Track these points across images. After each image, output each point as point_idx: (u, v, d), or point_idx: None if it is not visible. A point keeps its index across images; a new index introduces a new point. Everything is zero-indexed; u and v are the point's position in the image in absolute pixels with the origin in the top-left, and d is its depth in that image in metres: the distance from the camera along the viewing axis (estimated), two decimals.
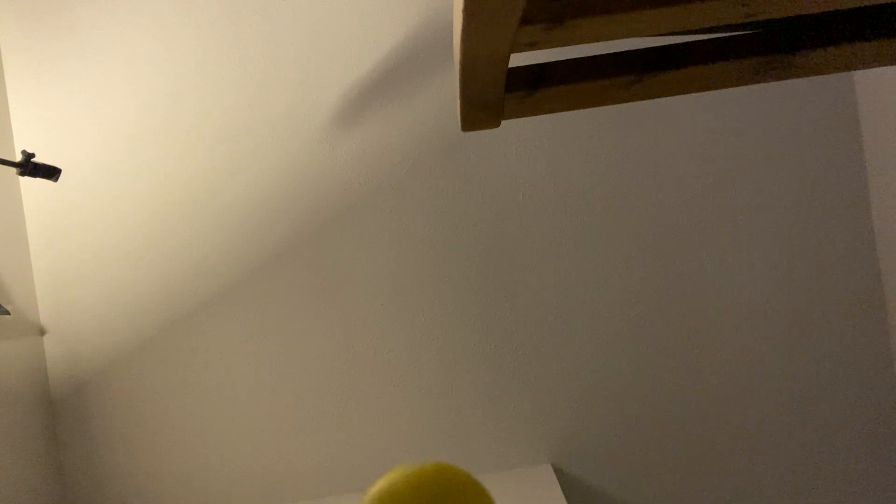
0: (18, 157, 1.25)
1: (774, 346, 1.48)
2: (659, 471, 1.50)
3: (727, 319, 1.49)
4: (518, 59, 1.39)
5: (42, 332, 1.53)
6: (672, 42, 0.60)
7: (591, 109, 1.49)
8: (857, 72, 1.46)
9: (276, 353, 1.52)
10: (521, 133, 1.51)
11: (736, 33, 0.60)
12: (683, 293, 1.49)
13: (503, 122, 0.67)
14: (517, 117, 0.65)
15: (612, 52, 0.62)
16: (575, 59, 0.62)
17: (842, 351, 1.47)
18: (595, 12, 0.45)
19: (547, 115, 1.48)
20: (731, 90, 1.47)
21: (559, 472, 1.49)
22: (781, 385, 1.48)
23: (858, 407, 1.47)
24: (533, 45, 0.49)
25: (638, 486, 1.50)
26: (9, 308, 1.41)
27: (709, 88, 0.62)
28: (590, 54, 0.62)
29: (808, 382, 1.48)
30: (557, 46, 0.50)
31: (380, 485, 0.85)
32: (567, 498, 1.33)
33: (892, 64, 0.59)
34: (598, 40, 0.50)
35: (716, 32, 0.59)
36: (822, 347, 1.48)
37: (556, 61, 0.63)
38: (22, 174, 1.25)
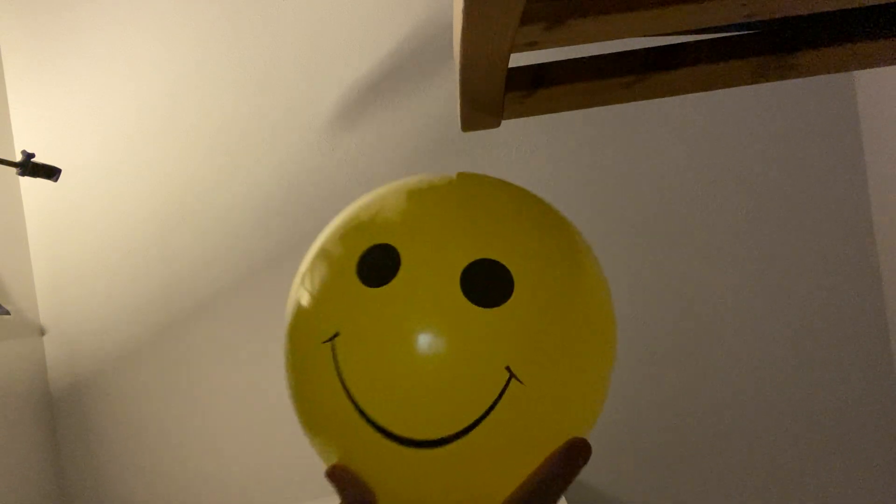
0: (18, 157, 1.25)
1: (774, 347, 1.48)
2: (659, 470, 1.49)
3: (727, 320, 1.49)
4: (518, 59, 1.38)
5: (42, 332, 1.53)
6: (672, 42, 0.60)
7: (591, 109, 1.48)
8: (857, 72, 1.46)
9: (276, 354, 1.52)
10: (521, 133, 1.51)
11: (736, 33, 0.59)
12: (683, 293, 1.49)
13: (503, 122, 0.67)
14: (517, 117, 0.65)
15: (612, 52, 0.61)
16: (575, 59, 0.62)
17: (842, 351, 1.47)
18: (595, 12, 0.45)
19: (547, 115, 1.48)
20: (731, 90, 1.47)
21: None
22: (781, 385, 1.48)
23: (859, 407, 1.47)
24: (533, 45, 0.49)
25: (638, 485, 1.50)
26: (9, 308, 1.41)
27: (709, 88, 0.62)
28: (590, 54, 0.62)
29: (807, 382, 1.48)
30: (557, 46, 0.50)
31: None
32: (567, 498, 1.33)
33: (892, 64, 0.59)
34: (598, 40, 0.50)
35: (716, 32, 0.59)
36: (822, 348, 1.47)
37: (556, 61, 0.63)
38: (22, 174, 1.24)
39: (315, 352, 0.39)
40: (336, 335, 0.38)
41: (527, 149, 1.51)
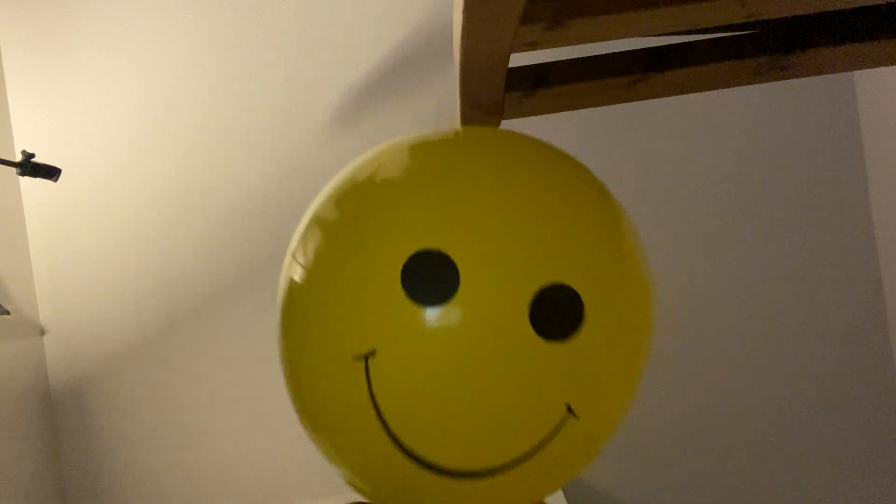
0: (18, 157, 1.25)
1: (774, 347, 1.48)
2: (659, 471, 1.49)
3: (726, 320, 1.49)
4: (518, 59, 1.38)
5: (42, 332, 1.53)
6: (673, 42, 0.60)
7: (592, 109, 1.48)
8: (857, 72, 1.46)
9: (276, 353, 1.52)
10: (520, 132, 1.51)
11: (736, 33, 0.60)
12: (683, 293, 1.49)
13: (503, 123, 0.67)
14: (517, 117, 0.65)
15: (612, 52, 0.61)
16: (575, 59, 0.62)
17: (842, 351, 1.47)
18: (595, 12, 0.45)
19: (547, 115, 1.48)
20: (731, 90, 1.47)
21: None
22: (781, 385, 1.48)
23: (858, 407, 1.47)
24: (533, 45, 0.49)
25: (638, 485, 1.50)
26: (9, 308, 1.41)
27: (709, 88, 0.62)
28: (590, 54, 0.62)
29: (807, 382, 1.48)
30: (557, 46, 0.50)
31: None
32: (567, 498, 1.33)
33: (892, 64, 0.59)
34: (598, 40, 0.50)
35: (716, 32, 0.59)
36: (822, 348, 1.47)
37: (556, 61, 0.63)
38: (22, 174, 1.24)
39: (341, 368, 0.31)
40: (372, 353, 0.31)
41: None
